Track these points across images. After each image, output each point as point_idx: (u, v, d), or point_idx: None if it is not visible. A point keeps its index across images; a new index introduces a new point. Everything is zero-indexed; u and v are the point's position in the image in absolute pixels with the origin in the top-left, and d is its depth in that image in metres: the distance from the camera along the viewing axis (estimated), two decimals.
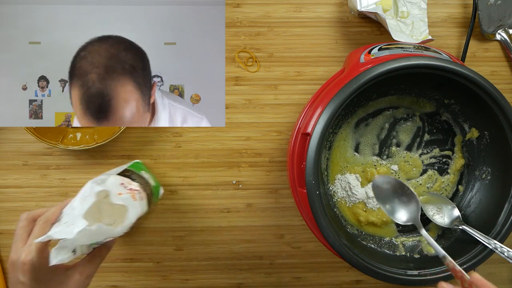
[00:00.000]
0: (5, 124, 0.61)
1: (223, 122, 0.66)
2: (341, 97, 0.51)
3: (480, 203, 0.60)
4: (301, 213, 0.59)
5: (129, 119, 0.43)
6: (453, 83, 0.54)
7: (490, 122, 0.56)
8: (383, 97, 0.61)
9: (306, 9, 0.67)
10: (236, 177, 0.67)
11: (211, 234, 0.68)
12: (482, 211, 0.59)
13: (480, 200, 0.60)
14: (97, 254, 0.49)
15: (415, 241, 0.61)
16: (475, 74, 0.52)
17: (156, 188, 0.62)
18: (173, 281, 0.68)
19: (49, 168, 0.66)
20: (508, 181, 0.55)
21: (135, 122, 0.44)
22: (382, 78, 0.52)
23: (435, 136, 0.63)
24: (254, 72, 0.67)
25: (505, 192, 0.55)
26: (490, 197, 0.58)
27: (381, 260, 0.55)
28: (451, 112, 0.62)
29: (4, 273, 0.66)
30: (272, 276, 0.68)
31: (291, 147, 0.58)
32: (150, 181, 0.61)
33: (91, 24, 0.54)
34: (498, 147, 0.57)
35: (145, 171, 0.62)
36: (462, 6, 0.68)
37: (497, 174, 0.58)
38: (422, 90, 0.60)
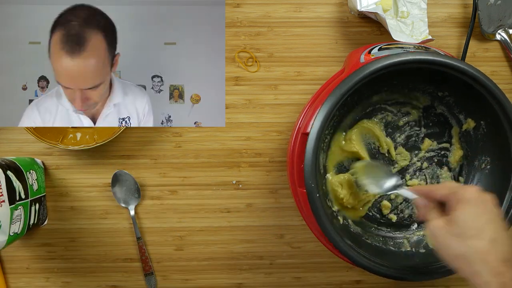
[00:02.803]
0: (5, 124, 0.62)
1: (223, 122, 0.66)
2: (337, 94, 0.51)
3: None
4: (301, 213, 0.59)
5: (93, 67, 0.51)
6: (445, 75, 0.54)
7: (485, 112, 0.56)
8: (376, 94, 0.61)
9: (306, 9, 0.67)
10: (236, 177, 0.67)
11: (211, 234, 0.68)
12: None
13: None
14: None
15: (420, 235, 0.61)
16: (465, 64, 0.53)
17: (36, 193, 0.60)
18: (173, 281, 0.68)
19: (49, 168, 0.66)
20: (508, 169, 0.55)
21: (95, 76, 0.52)
22: (375, 75, 0.52)
23: (432, 130, 0.63)
24: (254, 72, 0.67)
25: (506, 181, 0.55)
26: (491, 187, 0.58)
27: (387, 257, 0.56)
28: (446, 104, 0.62)
29: (4, 273, 0.67)
30: (272, 276, 0.68)
31: (291, 147, 0.58)
32: (34, 184, 0.59)
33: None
34: (495, 136, 0.57)
35: (35, 171, 0.60)
36: (462, 6, 0.68)
37: (496, 163, 0.58)
38: (415, 85, 0.60)
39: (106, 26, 0.53)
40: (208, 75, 0.64)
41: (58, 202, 0.66)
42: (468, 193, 0.43)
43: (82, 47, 0.50)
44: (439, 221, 0.44)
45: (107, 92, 0.57)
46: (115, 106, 0.58)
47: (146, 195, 0.67)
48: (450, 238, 0.42)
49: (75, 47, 0.50)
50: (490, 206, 0.43)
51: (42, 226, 0.66)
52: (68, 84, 0.52)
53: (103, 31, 0.52)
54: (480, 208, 0.42)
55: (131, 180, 0.66)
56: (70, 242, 0.67)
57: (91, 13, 0.52)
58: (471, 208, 0.42)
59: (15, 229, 0.55)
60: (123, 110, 0.59)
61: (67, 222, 0.67)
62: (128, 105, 0.59)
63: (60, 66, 0.51)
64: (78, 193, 0.67)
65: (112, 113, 0.58)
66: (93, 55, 0.51)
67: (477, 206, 0.42)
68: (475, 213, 0.42)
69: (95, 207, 0.67)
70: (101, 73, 0.53)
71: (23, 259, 0.67)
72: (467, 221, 0.42)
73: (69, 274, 0.67)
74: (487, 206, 0.43)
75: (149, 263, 0.66)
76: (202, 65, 0.63)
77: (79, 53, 0.50)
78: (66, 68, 0.51)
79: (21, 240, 0.66)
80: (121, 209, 0.67)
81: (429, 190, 0.48)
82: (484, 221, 0.41)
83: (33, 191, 0.60)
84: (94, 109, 0.57)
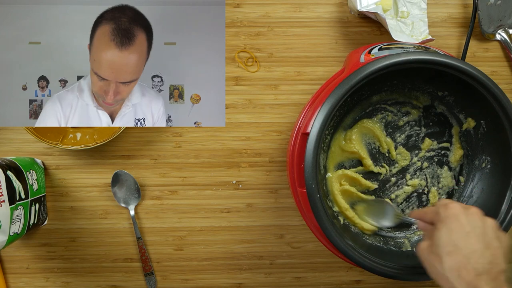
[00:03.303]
0: (5, 124, 0.62)
1: (223, 122, 0.66)
2: (337, 95, 0.52)
3: (482, 193, 0.60)
4: (301, 213, 0.59)
5: (136, 62, 0.54)
6: (444, 75, 0.54)
7: (485, 111, 0.56)
8: (376, 94, 0.61)
9: (306, 9, 0.67)
10: (236, 177, 0.67)
11: (211, 234, 0.68)
12: (485, 201, 0.59)
13: (481, 190, 0.60)
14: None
15: (420, 235, 0.61)
16: (465, 63, 0.53)
17: (36, 193, 0.60)
18: (173, 281, 0.68)
19: (49, 168, 0.66)
20: (508, 168, 0.55)
21: (134, 72, 0.55)
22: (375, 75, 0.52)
23: (432, 129, 0.63)
24: (254, 72, 0.67)
25: (506, 180, 0.55)
26: (491, 186, 0.58)
27: (388, 257, 0.56)
28: (446, 103, 0.62)
29: (4, 273, 0.67)
30: (272, 276, 0.68)
31: (291, 147, 0.58)
32: (34, 185, 0.59)
33: (91, 24, 0.54)
34: (496, 135, 0.57)
35: (35, 171, 0.61)
36: (462, 6, 0.68)
37: (496, 163, 0.58)
38: (415, 85, 0.60)
39: (148, 27, 0.56)
40: (208, 75, 0.64)
41: (58, 202, 0.66)
42: (448, 210, 0.44)
43: (131, 41, 0.53)
44: (424, 243, 0.45)
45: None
46: (133, 106, 0.60)
47: (146, 195, 0.67)
48: (433, 258, 0.43)
49: (125, 40, 0.53)
50: (473, 220, 0.43)
51: (42, 226, 0.66)
52: (108, 76, 0.54)
53: (146, 32, 0.55)
54: (458, 224, 0.42)
55: (131, 180, 0.66)
56: (70, 242, 0.67)
57: (137, 14, 0.55)
58: (449, 225, 0.43)
59: (15, 229, 0.55)
60: (139, 111, 0.60)
61: (67, 222, 0.67)
62: (144, 107, 0.60)
63: (106, 56, 0.53)
64: (78, 193, 0.67)
65: (130, 113, 0.60)
66: (138, 51, 0.54)
67: (455, 222, 0.43)
68: (451, 229, 0.42)
69: (95, 207, 0.67)
70: (139, 70, 0.56)
71: (23, 259, 0.67)
72: (443, 239, 0.42)
73: (69, 274, 0.67)
74: (469, 220, 0.43)
75: (149, 263, 0.66)
76: (202, 65, 0.63)
77: (127, 46, 0.53)
78: (112, 59, 0.53)
79: (21, 240, 0.66)
80: (121, 209, 0.67)
81: (420, 216, 0.49)
82: (460, 236, 0.42)
83: (33, 191, 0.60)
84: (116, 106, 0.59)
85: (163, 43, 0.62)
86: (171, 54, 0.63)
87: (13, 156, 0.62)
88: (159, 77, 0.63)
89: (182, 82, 0.63)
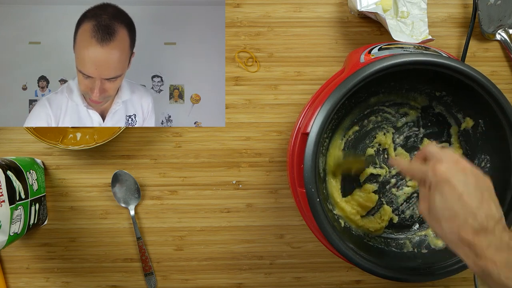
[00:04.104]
0: (5, 124, 0.62)
1: (223, 122, 0.66)
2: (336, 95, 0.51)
3: None
4: (301, 213, 0.59)
5: (118, 58, 0.55)
6: (443, 75, 0.54)
7: (483, 110, 0.56)
8: (374, 96, 0.61)
9: (306, 9, 0.67)
10: (236, 177, 0.67)
11: (211, 234, 0.68)
12: None
13: None
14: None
15: (421, 236, 0.61)
16: (461, 64, 0.53)
17: (36, 193, 0.60)
18: (173, 281, 0.68)
19: (49, 168, 0.66)
20: (507, 168, 0.55)
21: (118, 68, 0.56)
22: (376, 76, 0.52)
23: (431, 130, 0.63)
24: (254, 72, 0.67)
25: (506, 180, 0.55)
26: None
27: (389, 259, 0.55)
28: (444, 104, 0.62)
29: (4, 273, 0.67)
30: (272, 276, 0.68)
31: (291, 147, 0.58)
32: (34, 184, 0.59)
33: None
34: (494, 134, 0.57)
35: (35, 171, 0.61)
36: (462, 6, 0.68)
37: (495, 162, 0.58)
38: (413, 86, 0.60)
39: (130, 24, 0.56)
40: (208, 75, 0.64)
41: (58, 202, 0.66)
42: (437, 175, 0.43)
43: (112, 37, 0.54)
44: (423, 205, 0.46)
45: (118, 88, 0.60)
46: (123, 103, 0.60)
47: (146, 195, 0.67)
48: (433, 222, 0.44)
49: (106, 36, 0.54)
50: (463, 178, 0.42)
51: (42, 226, 0.66)
52: (92, 73, 0.54)
53: (128, 28, 0.56)
54: (449, 187, 0.42)
55: (131, 180, 0.66)
56: (70, 242, 0.67)
57: (118, 11, 0.56)
58: (441, 190, 0.42)
59: (15, 229, 0.55)
60: (130, 107, 0.61)
61: (67, 222, 0.67)
62: (135, 103, 0.61)
63: (88, 53, 0.54)
64: (78, 193, 0.67)
65: (120, 110, 0.60)
66: (119, 47, 0.55)
67: (447, 186, 0.42)
68: (445, 195, 0.42)
69: (95, 207, 0.67)
70: (123, 66, 0.56)
71: (23, 259, 0.67)
72: (438, 205, 0.43)
73: (69, 274, 0.67)
74: (459, 179, 0.42)
75: (149, 263, 0.66)
76: (202, 65, 0.63)
77: (108, 42, 0.54)
78: (94, 55, 0.53)
79: (21, 240, 0.66)
80: (121, 209, 0.67)
81: (407, 171, 0.49)
82: (454, 200, 0.42)
83: (33, 191, 0.60)
84: (106, 104, 0.59)
85: (163, 43, 0.62)
86: (171, 54, 0.63)
87: (13, 156, 0.62)
88: (159, 77, 0.63)
89: (182, 82, 0.63)
